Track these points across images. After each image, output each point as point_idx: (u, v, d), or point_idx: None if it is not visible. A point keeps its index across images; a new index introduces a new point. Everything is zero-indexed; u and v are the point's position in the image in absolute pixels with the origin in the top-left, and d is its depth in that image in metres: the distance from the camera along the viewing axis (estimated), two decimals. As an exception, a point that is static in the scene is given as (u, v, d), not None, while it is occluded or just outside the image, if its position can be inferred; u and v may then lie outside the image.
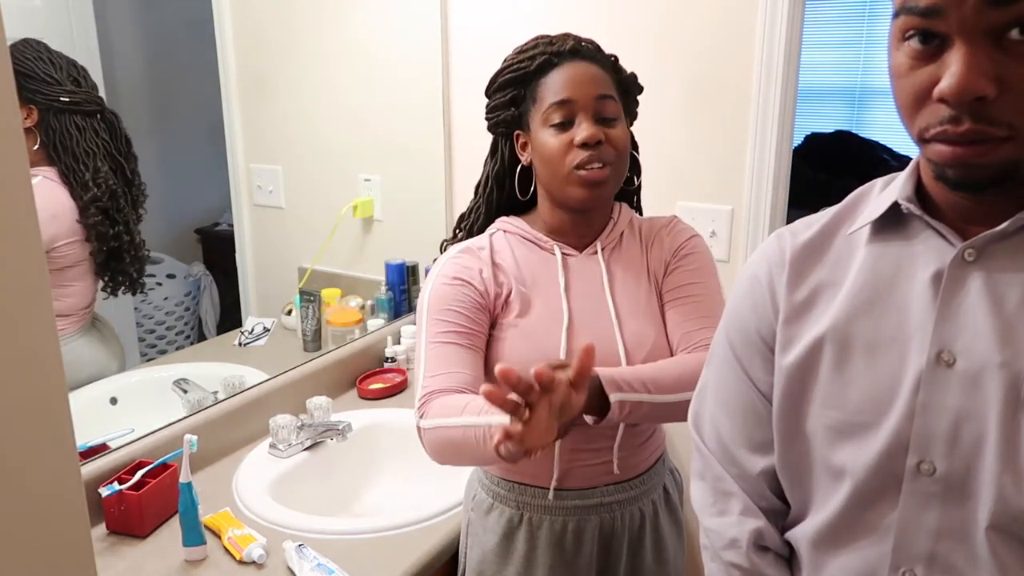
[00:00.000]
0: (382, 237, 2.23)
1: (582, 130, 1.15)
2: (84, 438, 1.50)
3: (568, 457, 1.23)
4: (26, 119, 1.47)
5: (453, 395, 1.14)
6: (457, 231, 1.36)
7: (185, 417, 1.64)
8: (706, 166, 1.86)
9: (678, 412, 1.07)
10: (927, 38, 0.66)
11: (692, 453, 0.94)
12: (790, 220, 1.02)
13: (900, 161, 3.40)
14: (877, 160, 3.46)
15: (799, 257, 0.83)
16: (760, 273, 0.86)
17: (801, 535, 0.84)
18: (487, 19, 2.06)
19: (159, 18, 1.90)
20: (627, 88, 1.25)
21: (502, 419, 0.91)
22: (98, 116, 1.57)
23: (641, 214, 1.38)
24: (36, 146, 1.50)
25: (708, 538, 0.90)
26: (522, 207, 1.30)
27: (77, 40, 1.64)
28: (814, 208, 0.91)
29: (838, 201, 0.85)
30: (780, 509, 0.88)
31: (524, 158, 1.25)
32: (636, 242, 1.29)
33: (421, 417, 1.15)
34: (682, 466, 1.57)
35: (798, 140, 3.56)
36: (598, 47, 1.23)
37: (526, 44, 1.24)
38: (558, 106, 1.17)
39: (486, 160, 1.31)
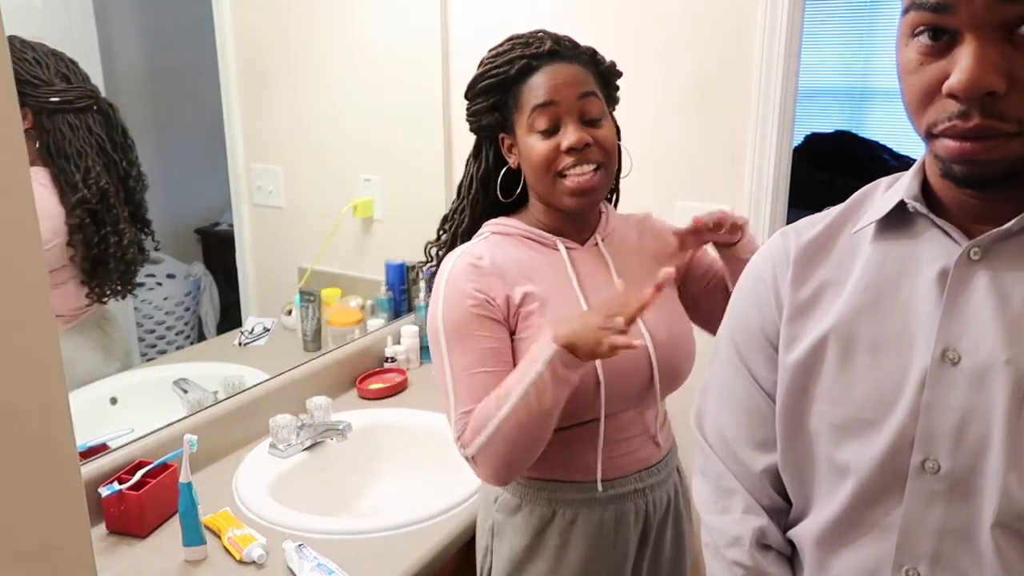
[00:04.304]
0: (382, 237, 2.23)
1: (568, 135, 1.15)
2: (84, 438, 1.49)
3: (608, 448, 1.22)
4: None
5: (479, 406, 1.12)
6: (441, 233, 1.34)
7: (185, 417, 1.64)
8: (706, 166, 1.86)
9: None
10: (937, 34, 0.66)
11: (695, 451, 0.94)
12: (790, 220, 1.02)
13: (900, 161, 3.40)
14: (877, 160, 3.46)
15: (803, 255, 0.83)
16: (764, 271, 0.86)
17: (804, 533, 0.84)
18: (487, 19, 2.06)
19: (159, 17, 1.89)
20: (608, 79, 1.24)
21: (544, 359, 1.05)
22: (93, 110, 1.53)
23: (616, 206, 1.39)
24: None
25: (710, 536, 0.90)
26: (505, 208, 1.28)
27: (77, 40, 1.64)
28: (814, 208, 0.91)
29: (838, 201, 0.85)
30: (782, 507, 0.88)
31: (512, 161, 1.23)
32: (628, 232, 1.31)
33: (465, 447, 1.13)
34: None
35: (798, 140, 3.56)
36: (575, 43, 1.21)
37: (501, 46, 1.21)
38: (542, 111, 1.15)
39: (468, 161, 1.29)
